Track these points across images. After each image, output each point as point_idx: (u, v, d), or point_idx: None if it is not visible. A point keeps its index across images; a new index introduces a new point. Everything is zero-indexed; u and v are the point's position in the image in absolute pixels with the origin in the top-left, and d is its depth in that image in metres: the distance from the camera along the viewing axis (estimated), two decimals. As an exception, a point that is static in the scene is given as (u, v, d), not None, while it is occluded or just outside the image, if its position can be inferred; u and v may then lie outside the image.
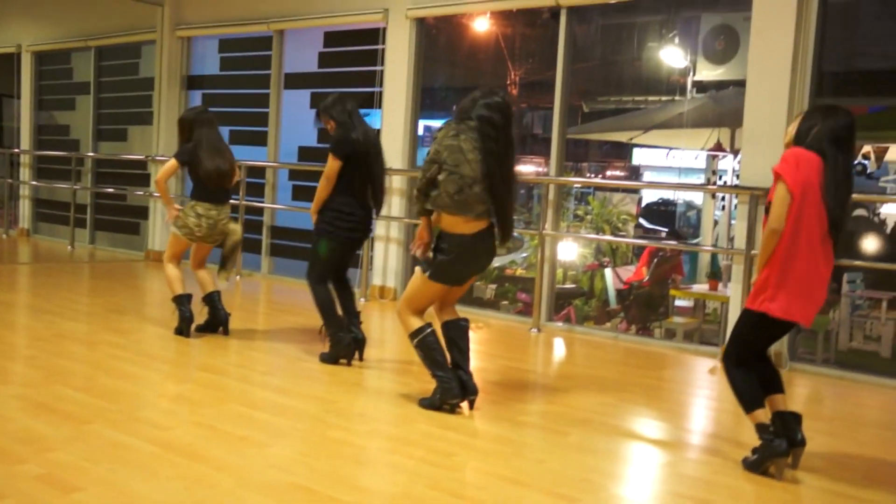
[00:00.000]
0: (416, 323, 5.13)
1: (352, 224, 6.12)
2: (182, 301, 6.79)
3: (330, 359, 6.16)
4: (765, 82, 6.84)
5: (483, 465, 4.21)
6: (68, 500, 3.48)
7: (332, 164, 6.05)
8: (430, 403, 5.11)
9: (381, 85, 9.44)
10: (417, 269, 5.15)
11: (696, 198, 14.51)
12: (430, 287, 5.10)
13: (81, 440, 4.20)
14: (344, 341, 6.14)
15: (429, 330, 5.12)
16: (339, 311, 6.23)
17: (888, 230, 12.78)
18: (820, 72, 6.84)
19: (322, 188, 6.09)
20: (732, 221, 11.63)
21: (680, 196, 15.89)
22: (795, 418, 4.28)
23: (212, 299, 6.92)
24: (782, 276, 4.14)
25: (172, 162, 6.76)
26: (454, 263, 5.03)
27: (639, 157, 17.81)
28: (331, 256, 6.17)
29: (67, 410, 4.68)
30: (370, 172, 6.16)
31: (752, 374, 4.31)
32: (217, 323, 6.94)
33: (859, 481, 4.25)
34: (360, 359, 6.24)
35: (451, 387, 5.04)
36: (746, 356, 4.33)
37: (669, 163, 17.14)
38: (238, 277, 10.20)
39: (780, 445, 4.15)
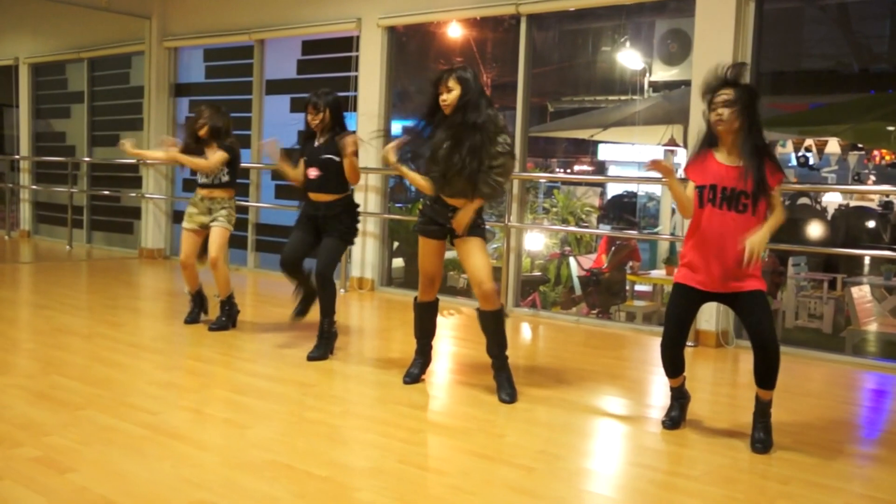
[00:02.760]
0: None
1: None
2: (233, 299, 6.88)
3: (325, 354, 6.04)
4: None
5: (449, 440, 4.29)
6: (63, 479, 3.53)
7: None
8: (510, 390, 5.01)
9: (355, 89, 9.48)
10: (476, 239, 4.97)
11: (657, 189, 14.63)
12: None
13: (75, 425, 4.26)
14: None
15: None
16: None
17: (829, 217, 12.97)
18: (758, 72, 6.93)
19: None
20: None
21: (642, 188, 16.02)
22: None
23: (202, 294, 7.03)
24: None
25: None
26: None
27: (604, 152, 17.91)
28: None
29: (63, 398, 4.73)
30: None
31: None
32: (203, 313, 7.05)
33: (790, 445, 4.34)
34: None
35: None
36: None
37: (632, 157, 17.28)
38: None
39: None
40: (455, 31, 9.62)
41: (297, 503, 3.38)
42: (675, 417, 4.61)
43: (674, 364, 4.53)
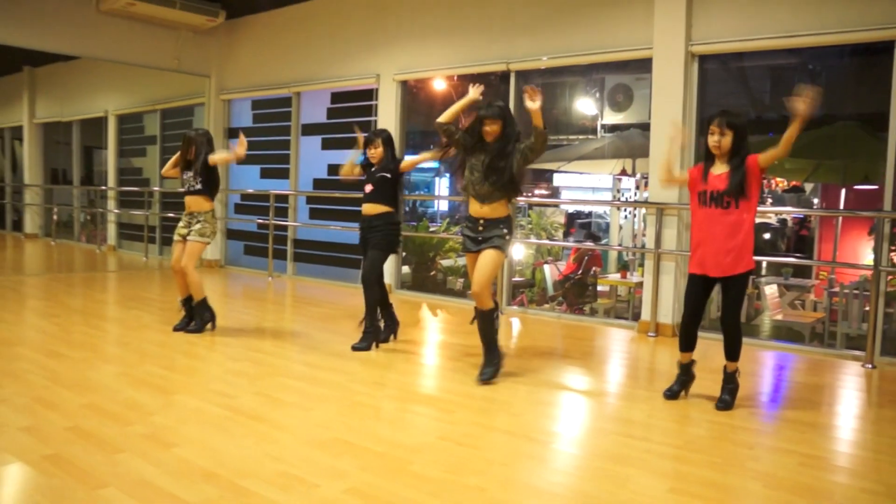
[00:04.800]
0: (492, 302, 4.84)
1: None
2: (207, 303, 6.32)
3: (367, 346, 5.71)
4: (663, 125, 6.78)
5: (478, 418, 4.08)
6: (169, 453, 3.33)
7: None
8: (496, 370, 4.87)
9: (375, 132, 9.29)
10: (492, 251, 4.76)
11: (604, 210, 14.50)
12: (502, 262, 4.92)
13: (172, 407, 4.05)
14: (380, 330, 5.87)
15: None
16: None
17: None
18: (701, 118, 6.79)
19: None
20: (634, 227, 11.63)
21: (592, 208, 15.89)
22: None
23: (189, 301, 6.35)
24: None
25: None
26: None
27: (558, 180, 17.80)
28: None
29: (158, 384, 4.51)
30: None
31: None
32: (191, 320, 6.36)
33: (748, 417, 4.19)
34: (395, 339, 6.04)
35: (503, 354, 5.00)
36: None
37: (580, 183, 17.15)
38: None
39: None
40: (455, 85, 9.42)
41: (362, 475, 3.18)
42: (675, 391, 4.58)
43: (686, 339, 4.54)
